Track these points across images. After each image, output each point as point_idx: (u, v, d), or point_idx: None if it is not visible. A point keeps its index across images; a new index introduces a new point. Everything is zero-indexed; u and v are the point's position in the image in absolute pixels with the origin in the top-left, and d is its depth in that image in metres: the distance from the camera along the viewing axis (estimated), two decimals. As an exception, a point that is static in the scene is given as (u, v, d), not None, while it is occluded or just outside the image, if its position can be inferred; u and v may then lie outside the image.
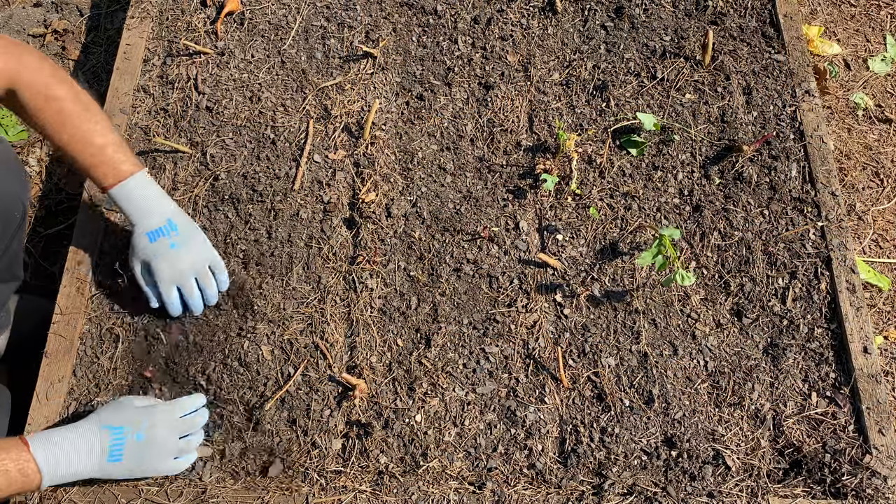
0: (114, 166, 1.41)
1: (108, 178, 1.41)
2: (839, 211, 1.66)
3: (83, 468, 1.26)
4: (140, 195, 1.44)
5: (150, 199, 1.45)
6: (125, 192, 1.42)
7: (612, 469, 1.42)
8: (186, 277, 1.46)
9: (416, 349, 1.53)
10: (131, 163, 1.43)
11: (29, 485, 1.21)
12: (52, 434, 1.26)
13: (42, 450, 1.22)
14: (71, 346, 1.52)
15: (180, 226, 1.46)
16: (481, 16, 1.91)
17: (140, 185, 1.44)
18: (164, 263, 1.44)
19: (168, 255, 1.44)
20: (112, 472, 1.29)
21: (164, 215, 1.45)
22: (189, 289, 1.47)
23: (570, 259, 1.62)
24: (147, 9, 1.92)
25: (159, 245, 1.43)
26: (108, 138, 1.40)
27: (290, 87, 1.82)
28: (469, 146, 1.75)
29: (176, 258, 1.44)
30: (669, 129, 1.76)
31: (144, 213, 1.44)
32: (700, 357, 1.53)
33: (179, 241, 1.45)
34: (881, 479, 1.40)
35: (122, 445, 1.27)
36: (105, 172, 1.41)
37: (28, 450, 1.21)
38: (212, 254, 1.51)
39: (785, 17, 1.90)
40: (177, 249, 1.44)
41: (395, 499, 1.38)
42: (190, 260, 1.46)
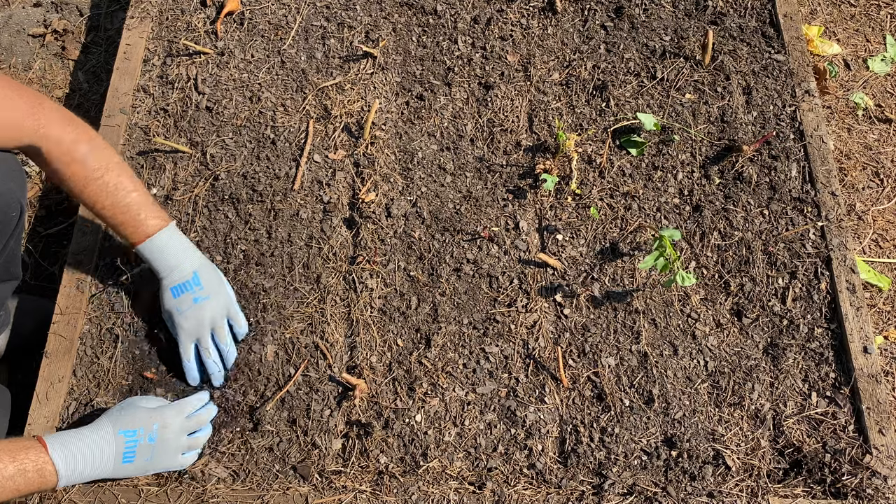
0: (141, 223, 1.41)
1: (135, 235, 1.42)
2: (839, 211, 1.66)
3: (98, 471, 1.28)
4: (166, 251, 1.44)
5: (175, 255, 1.45)
6: (151, 248, 1.43)
7: (612, 469, 1.42)
8: (204, 333, 1.47)
9: (416, 349, 1.53)
10: (160, 218, 1.43)
11: (46, 485, 1.23)
12: (69, 437, 1.27)
13: (61, 452, 1.24)
14: (71, 346, 1.52)
15: (204, 279, 1.47)
16: (481, 16, 1.91)
17: (165, 241, 1.44)
18: (184, 319, 1.45)
19: (190, 311, 1.45)
20: (125, 473, 1.33)
21: (189, 269, 1.46)
22: (205, 347, 1.47)
23: (570, 259, 1.62)
24: (147, 9, 1.92)
25: (182, 300, 1.45)
26: (133, 196, 1.40)
27: (290, 87, 1.82)
28: (469, 146, 1.75)
29: (197, 314, 1.46)
30: (669, 129, 1.76)
31: (171, 268, 1.45)
32: (700, 357, 1.53)
33: (202, 296, 1.46)
34: (881, 479, 1.40)
35: (135, 448, 1.31)
36: (133, 230, 1.41)
37: (46, 451, 1.23)
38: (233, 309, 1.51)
39: (785, 17, 1.90)
40: (198, 305, 1.45)
41: (395, 499, 1.38)
42: (209, 318, 1.47)
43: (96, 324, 1.55)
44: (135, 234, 1.42)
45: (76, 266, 1.59)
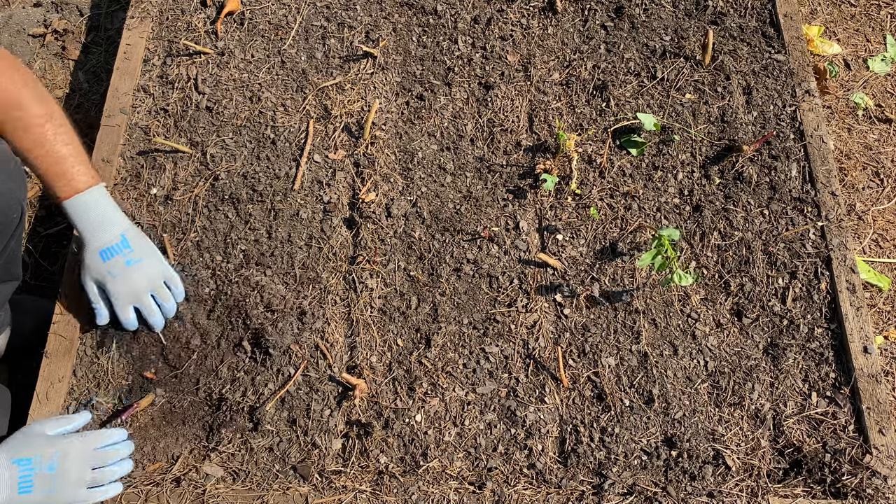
0: (72, 178, 1.38)
1: (65, 189, 1.38)
2: (839, 211, 1.66)
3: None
4: (94, 209, 1.40)
5: (104, 214, 1.41)
6: (78, 206, 1.39)
7: (612, 469, 1.42)
8: (144, 296, 1.45)
9: (416, 349, 1.53)
10: (90, 176, 1.40)
11: None
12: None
13: None
14: (71, 346, 1.51)
15: (133, 242, 1.44)
16: (481, 16, 1.91)
17: (94, 200, 1.40)
18: (120, 284, 1.42)
19: (123, 275, 1.42)
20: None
21: (116, 232, 1.42)
22: (148, 307, 1.46)
23: (570, 259, 1.62)
24: (147, 9, 1.92)
25: (114, 264, 1.41)
26: (68, 149, 1.37)
27: (290, 87, 1.82)
28: (469, 146, 1.75)
29: (131, 277, 1.43)
30: (669, 129, 1.76)
31: (96, 228, 1.40)
32: (700, 357, 1.53)
33: (134, 258, 1.42)
34: (881, 479, 1.40)
35: (31, 477, 1.23)
36: (63, 184, 1.37)
37: None
38: (167, 269, 1.49)
39: (785, 16, 1.90)
40: (132, 267, 1.42)
41: (395, 499, 1.38)
42: (146, 278, 1.45)
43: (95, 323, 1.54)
44: (64, 188, 1.37)
45: (76, 266, 1.59)
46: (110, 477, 1.32)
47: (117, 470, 1.34)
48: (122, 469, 1.36)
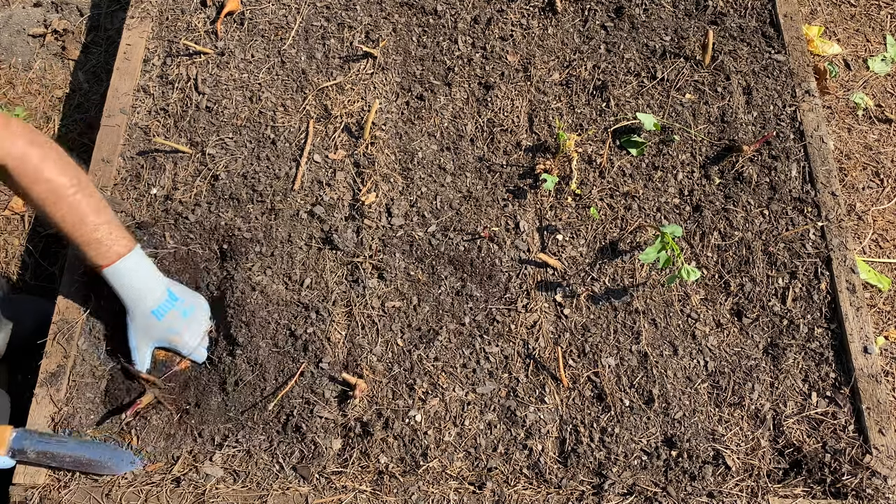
0: (109, 245, 1.39)
1: (105, 256, 1.39)
2: (839, 211, 1.66)
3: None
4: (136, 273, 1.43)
5: (147, 276, 1.45)
6: (121, 270, 1.41)
7: (612, 469, 1.42)
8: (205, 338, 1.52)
9: (416, 349, 1.53)
10: (127, 239, 1.42)
11: None
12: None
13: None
14: (70, 345, 1.51)
15: (178, 293, 1.49)
16: (481, 16, 1.91)
17: (136, 264, 1.43)
18: (187, 335, 1.48)
19: (186, 326, 1.48)
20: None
21: (162, 289, 1.46)
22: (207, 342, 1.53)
23: (570, 259, 1.62)
24: (147, 9, 1.92)
25: (171, 319, 1.46)
26: (101, 217, 1.38)
27: (290, 87, 1.82)
28: (469, 146, 1.75)
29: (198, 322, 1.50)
30: (669, 129, 1.76)
31: (142, 290, 1.44)
32: (700, 357, 1.53)
33: (187, 308, 1.48)
34: (881, 479, 1.40)
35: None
36: (102, 251, 1.39)
37: None
38: (206, 305, 1.55)
39: (785, 17, 1.90)
40: (190, 317, 1.48)
41: (395, 499, 1.38)
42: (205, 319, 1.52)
43: (96, 323, 1.55)
44: (103, 257, 1.39)
45: (76, 266, 1.59)
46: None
47: None
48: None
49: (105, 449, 1.41)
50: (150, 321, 1.45)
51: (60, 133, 2.09)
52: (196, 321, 1.51)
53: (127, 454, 1.41)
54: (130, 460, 1.41)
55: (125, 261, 1.41)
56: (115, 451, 1.41)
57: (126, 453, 1.41)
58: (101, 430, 1.45)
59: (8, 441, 1.37)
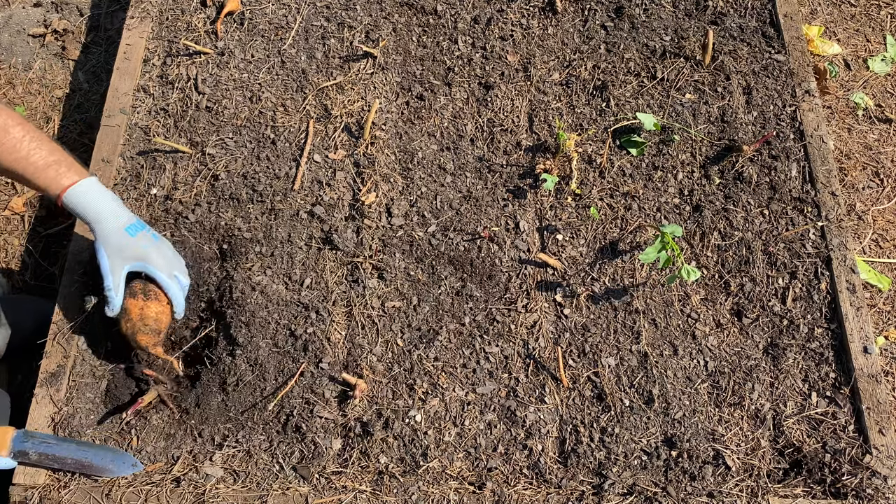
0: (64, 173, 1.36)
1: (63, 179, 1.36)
2: (839, 211, 1.66)
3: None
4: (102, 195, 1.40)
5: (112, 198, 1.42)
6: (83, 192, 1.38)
7: (612, 469, 1.42)
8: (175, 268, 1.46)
9: (416, 349, 1.53)
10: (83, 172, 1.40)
11: None
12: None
13: None
14: (70, 345, 1.51)
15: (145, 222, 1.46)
16: (481, 16, 1.91)
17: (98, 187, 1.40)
18: (157, 257, 1.42)
19: (157, 248, 1.42)
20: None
21: (129, 213, 1.43)
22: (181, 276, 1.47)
23: (570, 259, 1.62)
24: (147, 9, 1.92)
25: (143, 238, 1.41)
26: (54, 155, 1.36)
27: (290, 87, 1.82)
28: (469, 146, 1.75)
29: (162, 251, 1.44)
30: (669, 129, 1.76)
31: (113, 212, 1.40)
32: (700, 357, 1.53)
33: (156, 234, 1.45)
34: (881, 479, 1.40)
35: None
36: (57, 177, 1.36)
37: None
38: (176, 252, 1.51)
39: (785, 17, 1.90)
40: (159, 242, 1.44)
41: (395, 499, 1.38)
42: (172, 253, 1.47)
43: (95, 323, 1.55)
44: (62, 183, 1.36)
45: (76, 266, 1.59)
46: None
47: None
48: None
49: (106, 452, 1.40)
50: (122, 238, 1.40)
51: (60, 133, 2.09)
52: (166, 247, 1.46)
53: (128, 457, 1.41)
54: (132, 463, 1.40)
55: (86, 182, 1.38)
56: (116, 454, 1.40)
57: (127, 456, 1.41)
58: (101, 429, 1.45)
59: (9, 442, 1.37)
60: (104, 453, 1.40)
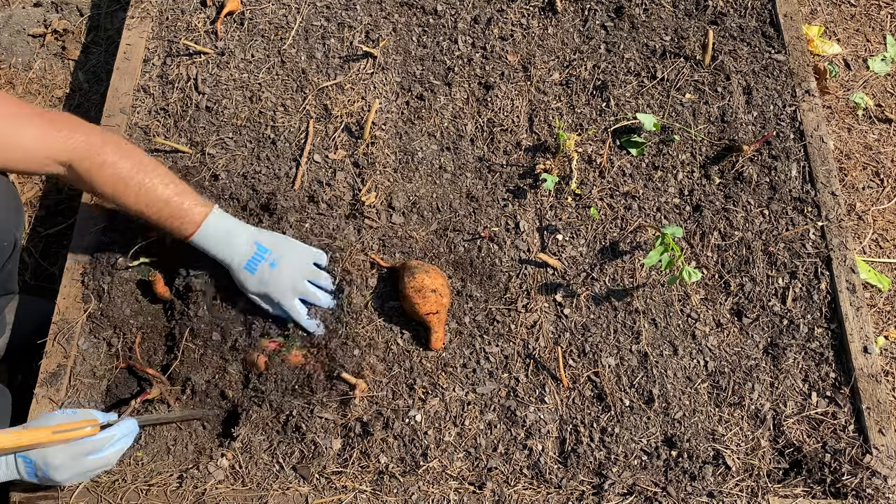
0: (187, 213, 1.39)
1: (185, 227, 1.40)
2: (839, 211, 1.66)
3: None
4: (220, 232, 1.42)
5: (229, 233, 1.43)
6: (206, 235, 1.41)
7: (612, 469, 1.42)
8: (301, 286, 1.47)
9: (416, 349, 1.53)
10: (202, 204, 1.42)
11: None
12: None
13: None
14: (70, 345, 1.52)
15: (267, 243, 1.46)
16: (481, 16, 1.91)
17: (215, 225, 1.42)
18: (276, 286, 1.44)
19: (274, 278, 1.44)
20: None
21: (250, 241, 1.44)
22: (310, 293, 1.48)
23: (570, 259, 1.62)
24: (147, 9, 1.92)
25: (262, 272, 1.43)
26: (169, 190, 1.39)
27: (290, 87, 1.82)
28: (469, 146, 1.75)
29: (282, 275, 1.44)
30: (669, 129, 1.76)
31: (230, 249, 1.43)
32: (700, 357, 1.53)
33: (275, 258, 1.45)
34: (881, 479, 1.40)
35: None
36: (181, 223, 1.40)
37: None
38: (308, 252, 1.50)
39: (785, 16, 1.90)
40: (278, 267, 1.44)
41: (395, 499, 1.38)
42: (295, 270, 1.46)
43: (95, 323, 1.55)
44: (185, 228, 1.40)
45: (76, 266, 1.59)
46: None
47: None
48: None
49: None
50: (245, 276, 1.44)
51: (60, 133, 2.09)
52: (286, 269, 1.45)
53: None
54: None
55: (206, 225, 1.41)
56: None
57: None
58: None
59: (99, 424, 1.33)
60: None
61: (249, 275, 1.43)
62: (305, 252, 1.50)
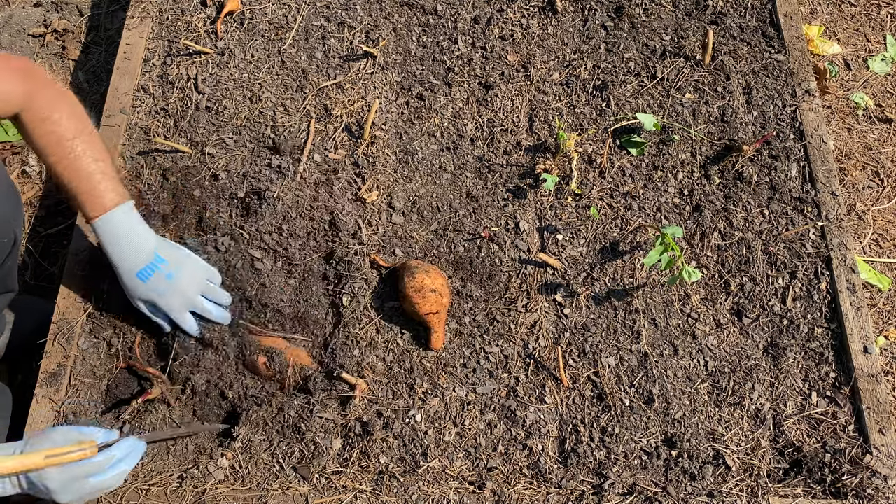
0: (100, 195, 1.36)
1: (93, 208, 1.36)
2: (839, 211, 1.66)
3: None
4: (122, 228, 1.39)
5: (131, 233, 1.40)
6: (106, 225, 1.38)
7: (612, 469, 1.42)
8: (195, 300, 1.46)
9: (416, 349, 1.53)
10: (116, 193, 1.38)
11: None
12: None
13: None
14: (70, 345, 1.52)
15: (166, 254, 1.43)
16: (481, 16, 1.91)
17: (120, 220, 1.39)
18: (169, 298, 1.43)
19: (170, 288, 1.42)
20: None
21: (149, 249, 1.41)
22: (202, 308, 1.47)
23: (570, 259, 1.62)
24: (147, 9, 1.92)
25: (155, 281, 1.41)
26: (96, 165, 1.36)
27: (290, 87, 1.82)
28: (469, 146, 1.75)
29: (178, 288, 1.43)
30: (669, 129, 1.76)
31: (127, 250, 1.39)
32: (700, 357, 1.53)
33: (173, 270, 1.43)
34: (881, 479, 1.40)
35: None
36: (91, 202, 1.36)
37: None
38: (205, 269, 1.50)
39: (785, 16, 1.90)
40: (175, 279, 1.42)
41: (395, 499, 1.38)
42: (192, 284, 1.45)
43: (95, 323, 1.55)
44: (93, 207, 1.36)
45: (76, 266, 1.59)
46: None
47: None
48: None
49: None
50: (134, 282, 1.41)
51: (60, 133, 2.09)
52: (182, 282, 1.43)
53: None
54: None
55: (113, 214, 1.37)
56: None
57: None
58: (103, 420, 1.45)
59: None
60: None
61: (140, 282, 1.41)
62: (202, 268, 1.49)
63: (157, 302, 1.43)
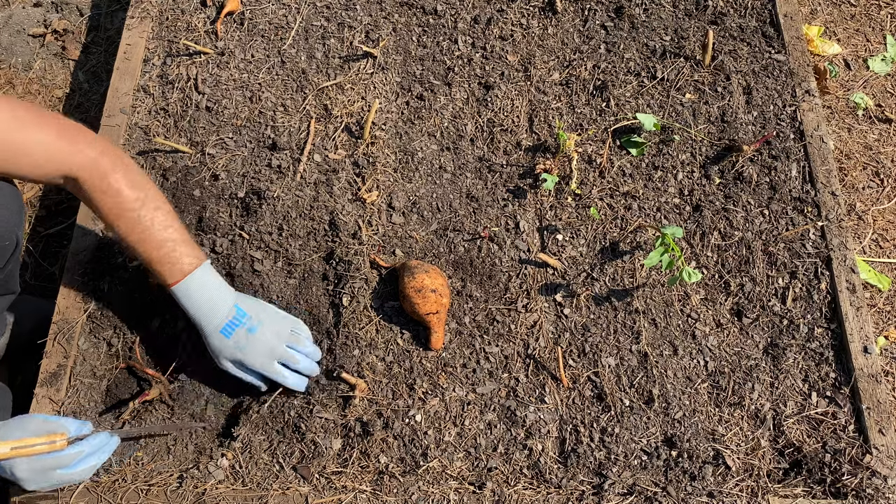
0: (176, 261, 1.35)
1: (171, 275, 1.35)
2: (839, 211, 1.66)
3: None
4: (203, 291, 1.38)
5: (213, 292, 1.39)
6: (188, 288, 1.37)
7: (612, 469, 1.42)
8: (281, 350, 1.42)
9: (416, 349, 1.53)
10: (193, 256, 1.37)
11: None
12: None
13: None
14: (70, 345, 1.52)
15: (247, 308, 1.42)
16: (481, 16, 1.91)
17: (200, 281, 1.38)
18: (252, 354, 1.40)
19: (252, 344, 1.40)
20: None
21: (230, 304, 1.40)
22: (290, 358, 1.43)
23: (570, 259, 1.62)
24: (147, 9, 1.92)
25: (238, 337, 1.39)
26: (166, 234, 1.35)
27: (290, 87, 1.82)
28: (469, 146, 1.75)
29: (260, 342, 1.40)
30: (669, 129, 1.76)
31: (209, 309, 1.38)
32: (700, 357, 1.53)
33: (254, 324, 1.40)
34: (881, 479, 1.40)
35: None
36: (168, 269, 1.35)
37: None
38: (288, 320, 1.47)
39: (785, 16, 1.90)
40: (256, 334, 1.40)
41: (395, 499, 1.38)
42: (274, 336, 1.42)
43: (95, 323, 1.55)
44: (171, 274, 1.36)
45: (76, 266, 1.59)
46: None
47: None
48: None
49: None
50: (218, 340, 1.39)
51: (60, 133, 2.09)
52: (265, 335, 1.41)
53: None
54: None
55: (191, 278, 1.36)
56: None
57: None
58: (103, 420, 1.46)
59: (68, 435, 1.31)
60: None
61: (224, 338, 1.39)
62: (284, 319, 1.46)
63: (242, 359, 1.40)
